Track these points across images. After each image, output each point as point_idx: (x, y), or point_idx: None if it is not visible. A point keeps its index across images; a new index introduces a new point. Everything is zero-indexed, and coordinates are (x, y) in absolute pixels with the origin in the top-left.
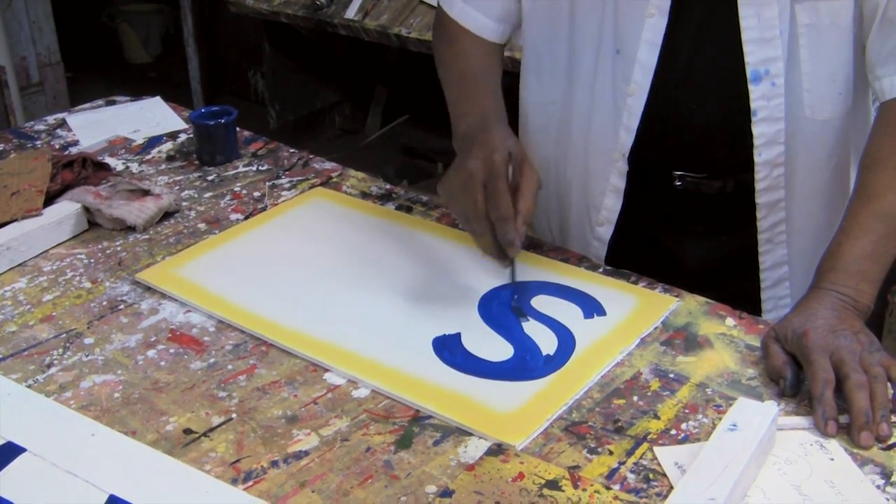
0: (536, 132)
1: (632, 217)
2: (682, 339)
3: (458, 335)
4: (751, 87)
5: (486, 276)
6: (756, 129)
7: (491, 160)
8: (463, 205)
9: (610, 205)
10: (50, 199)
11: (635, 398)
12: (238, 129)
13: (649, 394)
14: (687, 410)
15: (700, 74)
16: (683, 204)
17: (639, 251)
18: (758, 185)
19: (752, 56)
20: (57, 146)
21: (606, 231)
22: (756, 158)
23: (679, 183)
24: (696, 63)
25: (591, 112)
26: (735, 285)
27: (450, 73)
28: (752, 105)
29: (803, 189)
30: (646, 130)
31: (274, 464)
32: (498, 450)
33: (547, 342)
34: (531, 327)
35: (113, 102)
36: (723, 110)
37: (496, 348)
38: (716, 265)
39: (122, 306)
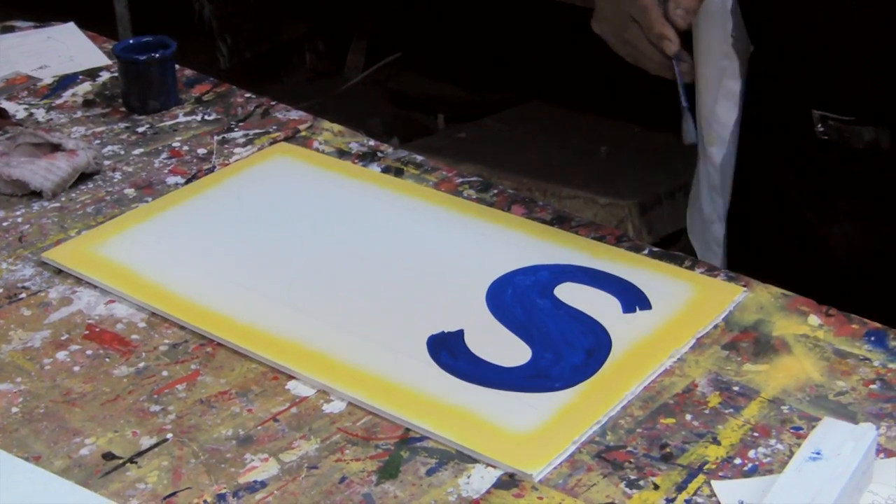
0: None
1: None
2: (751, 340)
3: (461, 333)
4: None
5: (498, 258)
6: None
7: None
8: (611, 18)
9: (723, 116)
10: None
11: (688, 417)
12: (178, 67)
13: (707, 411)
14: (756, 433)
15: None
16: (821, 157)
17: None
18: None
19: None
20: None
21: (718, 151)
22: None
23: (822, 128)
24: None
25: None
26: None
27: None
28: None
29: None
30: (769, 34)
31: (221, 498)
32: (510, 481)
33: (575, 343)
34: (555, 323)
35: (11, 29)
36: (879, 20)
37: (509, 350)
38: (865, 254)
39: (23, 295)
